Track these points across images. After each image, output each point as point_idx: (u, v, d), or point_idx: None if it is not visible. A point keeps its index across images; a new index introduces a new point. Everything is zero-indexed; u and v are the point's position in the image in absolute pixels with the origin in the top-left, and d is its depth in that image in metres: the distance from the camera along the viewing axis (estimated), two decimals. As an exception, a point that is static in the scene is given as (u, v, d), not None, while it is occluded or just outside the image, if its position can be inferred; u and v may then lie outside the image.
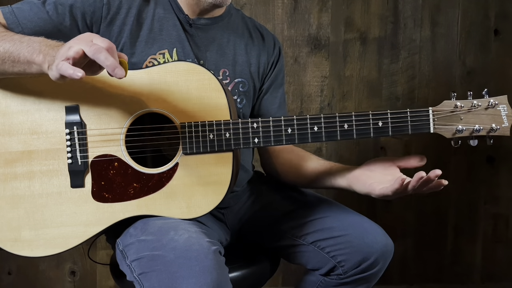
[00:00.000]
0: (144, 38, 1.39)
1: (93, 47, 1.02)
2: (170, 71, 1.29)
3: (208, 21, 1.47)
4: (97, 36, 1.08)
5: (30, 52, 1.14)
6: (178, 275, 1.13)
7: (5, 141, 1.30)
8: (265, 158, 1.63)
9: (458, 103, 1.28)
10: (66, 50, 1.05)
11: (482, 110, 1.28)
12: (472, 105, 1.27)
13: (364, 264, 1.40)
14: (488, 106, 1.27)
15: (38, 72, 1.15)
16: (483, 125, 1.28)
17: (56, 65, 1.05)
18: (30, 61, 1.15)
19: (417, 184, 1.23)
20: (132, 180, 1.29)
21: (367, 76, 2.40)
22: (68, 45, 1.07)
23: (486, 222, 2.52)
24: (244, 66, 1.51)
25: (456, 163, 2.46)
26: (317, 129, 1.30)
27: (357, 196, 1.40)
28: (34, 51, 1.14)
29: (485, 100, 1.28)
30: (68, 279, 2.41)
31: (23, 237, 1.29)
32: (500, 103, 1.27)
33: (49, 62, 1.11)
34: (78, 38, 1.08)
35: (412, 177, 1.24)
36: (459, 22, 2.41)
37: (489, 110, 1.28)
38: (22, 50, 1.16)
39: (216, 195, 1.29)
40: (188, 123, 1.28)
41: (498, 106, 1.27)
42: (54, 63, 1.07)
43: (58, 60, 1.05)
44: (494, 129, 1.27)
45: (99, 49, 1.02)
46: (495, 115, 1.28)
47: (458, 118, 1.28)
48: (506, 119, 1.28)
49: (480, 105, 1.27)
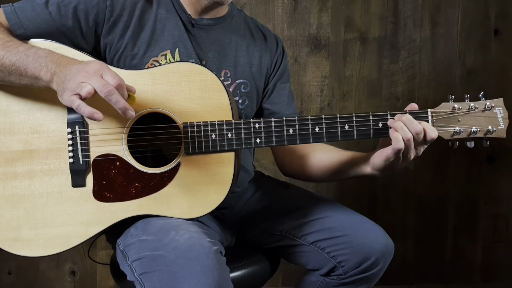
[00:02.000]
0: (146, 40, 1.38)
1: (104, 88, 1.08)
2: (172, 72, 1.29)
3: (210, 22, 1.47)
4: (106, 70, 1.12)
5: (37, 69, 1.18)
6: (179, 275, 1.13)
7: (6, 140, 1.29)
8: (281, 158, 1.61)
9: (456, 105, 1.30)
10: (77, 85, 1.10)
11: (479, 112, 1.30)
12: (469, 107, 1.29)
13: (364, 264, 1.40)
14: (485, 108, 1.29)
15: (46, 88, 1.19)
16: (480, 127, 1.30)
17: (69, 99, 1.11)
18: (37, 77, 1.18)
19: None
20: (133, 179, 1.29)
21: (367, 76, 2.40)
22: (79, 77, 1.10)
23: (486, 222, 2.52)
24: (245, 67, 1.51)
25: (456, 163, 2.46)
26: (318, 129, 1.30)
27: (357, 196, 1.41)
28: (41, 68, 1.17)
29: (482, 103, 1.30)
30: (68, 279, 2.41)
31: (23, 237, 1.29)
32: (496, 105, 1.30)
33: (57, 83, 1.15)
34: (87, 72, 1.11)
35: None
36: (459, 22, 2.41)
37: (486, 112, 1.30)
38: (29, 65, 1.19)
39: (217, 195, 1.29)
40: (190, 123, 1.28)
41: (495, 109, 1.30)
42: (64, 93, 1.12)
43: (69, 93, 1.11)
44: (491, 131, 1.29)
45: (110, 91, 1.08)
46: (492, 117, 1.30)
47: (456, 120, 1.30)
48: (502, 121, 1.30)
49: (477, 107, 1.29)
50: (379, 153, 1.31)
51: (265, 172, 1.76)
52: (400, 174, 2.44)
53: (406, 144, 1.24)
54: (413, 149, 1.26)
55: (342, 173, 1.46)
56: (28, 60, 1.19)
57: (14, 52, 1.21)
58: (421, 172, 2.45)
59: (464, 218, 2.51)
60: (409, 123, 1.24)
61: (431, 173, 2.46)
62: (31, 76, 1.19)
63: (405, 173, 2.44)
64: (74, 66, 1.15)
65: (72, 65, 1.16)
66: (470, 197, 2.50)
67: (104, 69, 1.12)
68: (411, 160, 1.28)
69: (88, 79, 1.10)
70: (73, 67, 1.14)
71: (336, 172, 1.47)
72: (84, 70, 1.12)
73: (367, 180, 2.41)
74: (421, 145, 1.27)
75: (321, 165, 1.50)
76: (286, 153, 1.58)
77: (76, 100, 1.10)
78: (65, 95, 1.12)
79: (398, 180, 2.44)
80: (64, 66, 1.16)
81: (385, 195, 2.45)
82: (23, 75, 1.20)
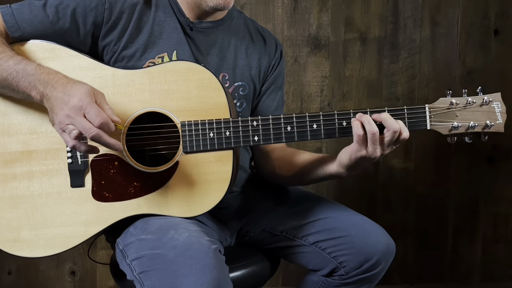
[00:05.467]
0: (143, 42, 1.38)
1: (89, 132, 1.12)
2: (170, 71, 1.29)
3: (209, 24, 1.46)
4: (88, 107, 1.14)
5: (27, 88, 1.21)
6: (178, 274, 1.13)
7: (4, 141, 1.30)
8: (257, 159, 1.61)
9: (454, 100, 1.29)
10: (64, 125, 1.15)
11: (477, 107, 1.29)
12: (467, 102, 1.29)
13: (366, 264, 1.40)
14: (483, 103, 1.29)
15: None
16: (478, 122, 1.29)
17: (62, 137, 1.17)
18: (29, 95, 1.22)
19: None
20: (132, 179, 1.29)
21: (367, 76, 2.40)
22: (62, 115, 1.14)
23: (486, 222, 2.52)
24: (244, 70, 1.51)
25: (456, 163, 2.46)
26: (316, 126, 1.30)
27: (357, 196, 1.40)
28: (31, 88, 1.20)
29: (480, 97, 1.29)
30: (68, 279, 2.41)
31: (23, 238, 1.29)
32: (494, 100, 1.29)
33: (47, 108, 1.20)
34: (70, 109, 1.14)
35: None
36: (459, 22, 2.41)
37: (484, 107, 1.29)
38: (19, 82, 1.21)
39: (216, 194, 1.29)
40: (188, 122, 1.28)
41: (492, 103, 1.29)
42: (55, 125, 1.18)
43: (58, 128, 1.17)
44: (489, 126, 1.28)
45: (95, 136, 1.13)
46: (490, 112, 1.29)
47: (454, 115, 1.30)
48: (500, 116, 1.29)
49: (475, 102, 1.29)
50: (345, 149, 1.31)
51: (265, 172, 1.76)
52: (400, 174, 2.44)
53: (368, 135, 1.24)
54: (379, 145, 1.25)
55: (311, 173, 1.45)
56: (18, 77, 1.21)
57: (4, 66, 1.22)
58: (421, 172, 2.45)
59: (464, 218, 2.50)
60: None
61: (431, 173, 2.46)
62: (23, 93, 1.22)
63: (405, 173, 2.44)
64: (59, 92, 1.17)
65: (58, 88, 1.18)
66: (470, 197, 2.49)
67: (87, 105, 1.14)
68: (377, 159, 1.28)
69: (72, 120, 1.13)
70: (58, 94, 1.17)
71: (306, 171, 1.47)
72: (67, 105, 1.15)
73: (367, 180, 2.42)
74: (391, 144, 1.26)
75: (293, 166, 1.50)
76: (263, 154, 1.58)
77: (69, 141, 1.16)
78: (56, 127, 1.18)
79: (398, 180, 2.44)
80: (52, 87, 1.18)
81: (385, 195, 2.45)
82: (16, 90, 1.23)
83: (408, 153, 2.42)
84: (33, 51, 1.30)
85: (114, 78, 1.30)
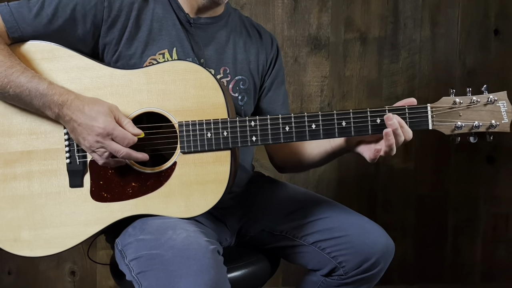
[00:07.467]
0: (143, 39, 1.38)
1: (120, 153, 1.22)
2: (167, 70, 1.29)
3: (208, 20, 1.47)
4: (115, 131, 1.22)
5: (41, 107, 1.25)
6: (176, 274, 1.13)
7: (4, 141, 1.30)
8: (269, 152, 1.65)
9: (457, 99, 1.27)
10: (95, 148, 1.23)
11: (482, 106, 1.26)
12: (471, 101, 1.26)
13: (365, 264, 1.40)
14: (488, 102, 1.26)
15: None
16: (483, 121, 1.26)
17: (96, 158, 1.26)
18: (43, 112, 1.27)
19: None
20: (130, 179, 1.30)
21: (367, 76, 2.40)
22: (91, 139, 1.22)
23: (486, 222, 2.51)
24: (244, 64, 1.51)
25: (456, 163, 2.45)
26: (315, 126, 1.29)
27: (357, 196, 1.40)
28: (45, 107, 1.25)
29: (485, 96, 1.26)
30: (68, 279, 2.42)
31: (23, 237, 1.30)
32: (499, 99, 1.26)
33: (67, 127, 1.26)
34: (98, 135, 1.22)
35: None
36: (459, 22, 2.40)
37: (489, 106, 1.26)
38: (33, 101, 1.25)
39: (214, 194, 1.29)
40: (185, 122, 1.28)
41: (498, 102, 1.26)
42: (84, 146, 1.25)
43: (88, 150, 1.25)
44: (494, 125, 1.25)
45: (126, 155, 1.23)
46: (495, 111, 1.26)
47: (457, 115, 1.27)
48: (505, 115, 1.26)
49: (479, 101, 1.26)
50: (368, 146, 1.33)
51: (265, 172, 1.76)
52: (400, 174, 2.43)
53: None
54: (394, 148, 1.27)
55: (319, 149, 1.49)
56: (31, 96, 1.24)
57: (16, 83, 1.23)
58: (421, 172, 2.44)
59: (464, 218, 2.50)
60: (404, 126, 1.27)
61: (431, 173, 2.45)
62: (37, 110, 1.27)
63: (405, 173, 2.44)
64: (79, 117, 1.23)
65: (76, 113, 1.23)
66: (470, 197, 2.49)
67: (113, 130, 1.21)
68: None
69: (102, 144, 1.22)
70: (80, 119, 1.23)
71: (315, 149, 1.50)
72: (93, 131, 1.22)
73: (367, 180, 2.42)
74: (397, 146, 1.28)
75: (312, 152, 1.52)
76: (279, 147, 1.60)
77: (100, 160, 1.25)
78: (85, 148, 1.26)
79: (398, 180, 2.44)
80: (67, 109, 1.23)
81: (385, 195, 2.45)
82: (29, 106, 1.27)
83: (408, 153, 2.42)
84: (32, 51, 1.30)
85: (112, 78, 1.30)
